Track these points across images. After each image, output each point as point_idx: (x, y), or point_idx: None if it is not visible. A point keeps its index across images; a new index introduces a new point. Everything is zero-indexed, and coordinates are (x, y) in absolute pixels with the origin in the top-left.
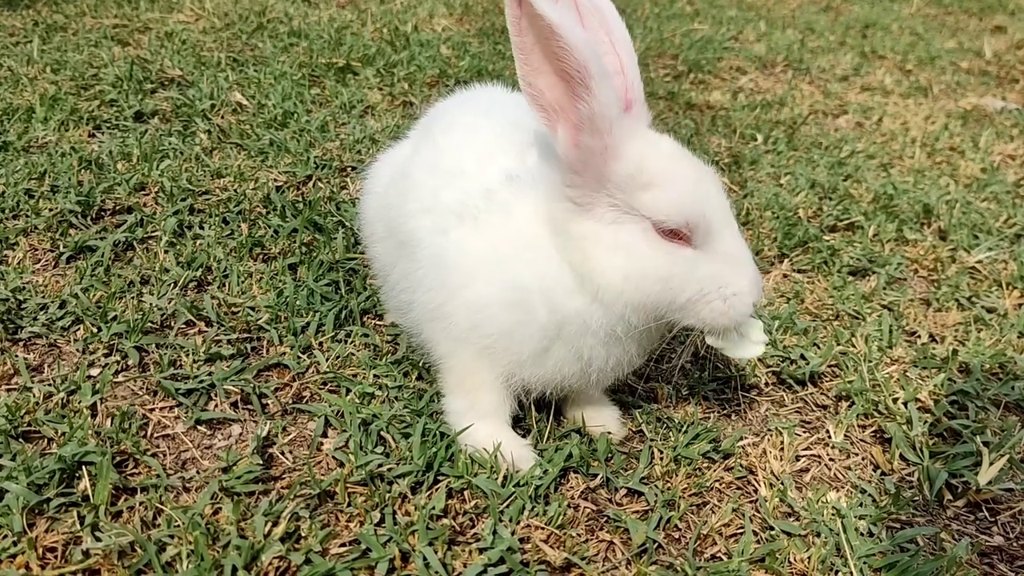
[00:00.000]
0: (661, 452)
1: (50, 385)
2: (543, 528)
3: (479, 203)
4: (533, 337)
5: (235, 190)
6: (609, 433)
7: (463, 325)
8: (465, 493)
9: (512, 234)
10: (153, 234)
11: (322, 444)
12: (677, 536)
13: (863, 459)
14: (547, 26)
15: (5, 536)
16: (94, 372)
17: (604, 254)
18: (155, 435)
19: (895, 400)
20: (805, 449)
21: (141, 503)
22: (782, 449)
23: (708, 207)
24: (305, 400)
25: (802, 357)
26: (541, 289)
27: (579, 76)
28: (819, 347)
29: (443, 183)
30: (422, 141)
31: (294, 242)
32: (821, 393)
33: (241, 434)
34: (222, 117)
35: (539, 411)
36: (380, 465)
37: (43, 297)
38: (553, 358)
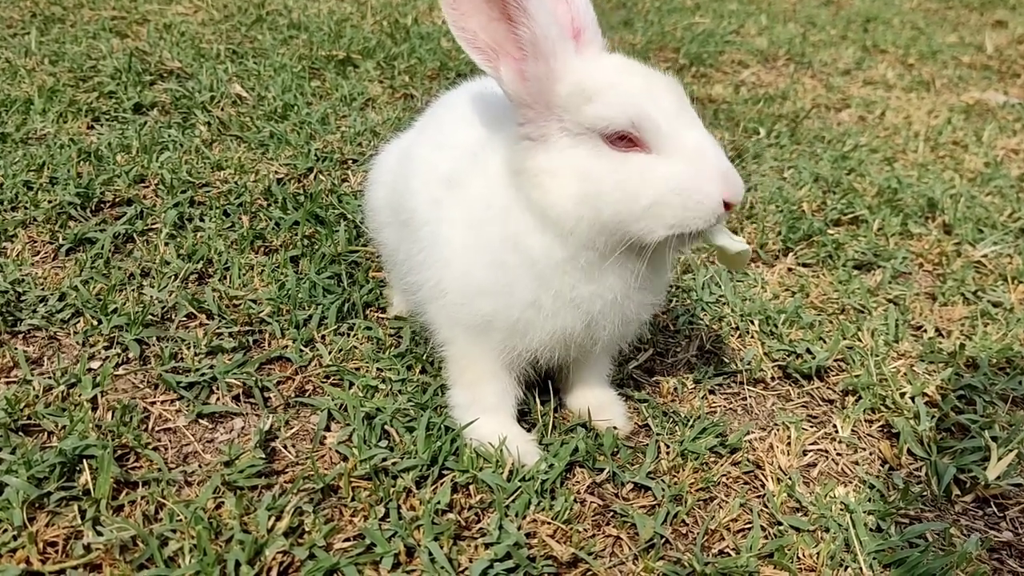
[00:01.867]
0: (668, 447)
1: (50, 378)
2: (549, 523)
3: (467, 166)
4: (517, 292)
5: (236, 182)
6: (615, 428)
7: (456, 301)
8: (470, 487)
9: (486, 192)
10: (153, 226)
11: (325, 438)
12: (684, 531)
13: (871, 454)
14: None
15: (5, 530)
16: (94, 365)
17: (558, 182)
18: (156, 428)
19: (902, 395)
20: (812, 444)
21: (143, 497)
22: (789, 444)
23: (656, 105)
24: (308, 393)
25: (808, 351)
26: (509, 237)
27: (511, 3)
28: (825, 341)
29: (442, 156)
30: (427, 124)
31: (296, 235)
32: (828, 387)
33: (243, 428)
34: (222, 109)
35: (544, 404)
36: (384, 459)
37: (43, 289)
38: (545, 312)
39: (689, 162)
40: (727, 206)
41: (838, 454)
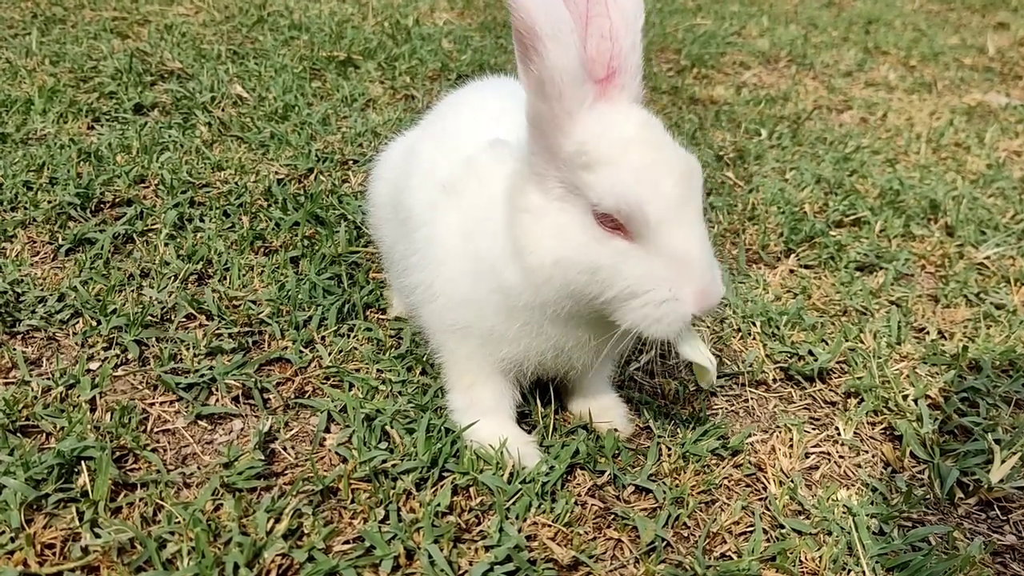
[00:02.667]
0: (669, 449)
1: (49, 379)
2: (550, 526)
3: (461, 173)
4: (494, 310)
5: (236, 183)
6: (616, 430)
7: (444, 305)
8: (471, 490)
9: (481, 202)
10: (153, 227)
11: (325, 439)
12: (686, 534)
13: (873, 456)
14: None
15: (3, 532)
16: (93, 366)
17: (539, 231)
18: (155, 430)
19: (905, 397)
20: (814, 446)
21: (141, 499)
22: (791, 446)
23: (650, 195)
24: (307, 395)
25: (810, 353)
26: (489, 258)
27: (526, 37)
28: (827, 343)
29: (442, 155)
30: (432, 122)
31: (296, 235)
32: (830, 389)
33: (242, 429)
34: (222, 110)
35: (544, 406)
36: (384, 461)
37: (42, 290)
38: (520, 334)
39: (672, 268)
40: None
41: (840, 456)
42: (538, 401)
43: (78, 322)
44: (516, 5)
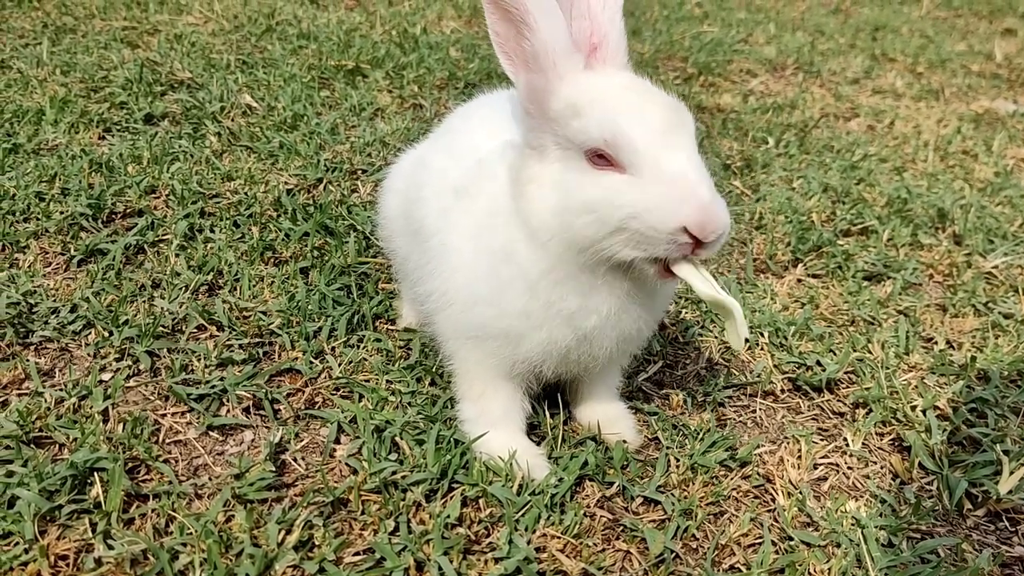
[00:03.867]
0: (677, 460)
1: (61, 390)
2: (559, 537)
3: (473, 177)
4: (508, 301)
5: (246, 193)
6: (624, 441)
7: (459, 310)
8: (480, 501)
9: (491, 201)
10: (164, 237)
11: (335, 451)
12: (695, 546)
13: (882, 468)
14: None
15: (17, 543)
16: (106, 377)
17: (540, 192)
18: (167, 441)
19: (913, 408)
20: (823, 457)
21: (153, 510)
22: (799, 457)
23: (639, 125)
24: (317, 406)
25: (818, 363)
26: (504, 246)
27: (516, 12)
28: (835, 353)
29: (453, 164)
30: (441, 134)
31: (305, 246)
32: (838, 400)
33: (253, 440)
34: (232, 119)
35: (553, 417)
36: (394, 472)
37: (54, 301)
38: (534, 322)
39: (662, 187)
40: (695, 239)
41: (849, 468)
42: (547, 412)
43: (90, 333)
44: None
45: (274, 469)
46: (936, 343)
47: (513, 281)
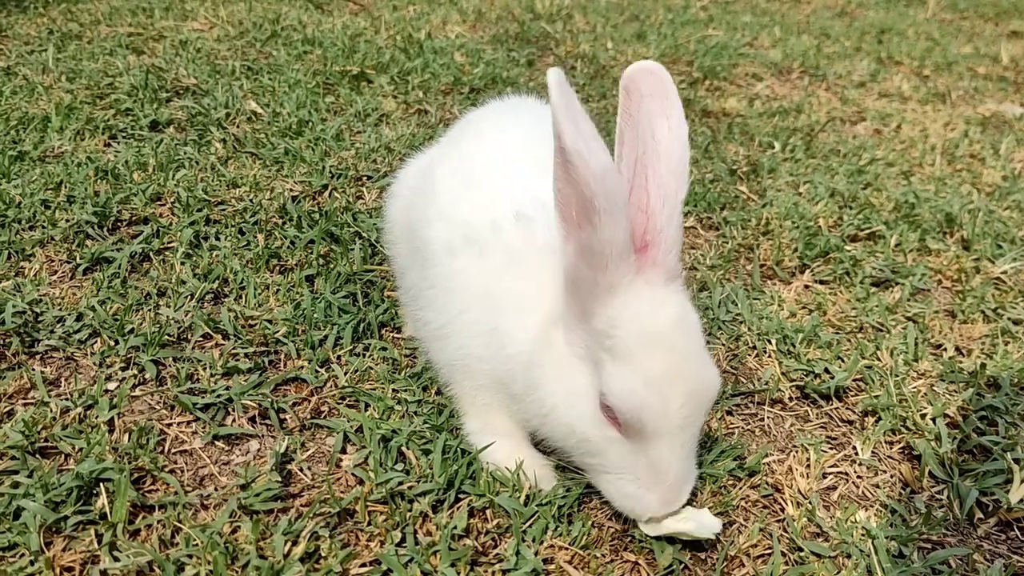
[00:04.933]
0: None
1: (67, 399)
2: (567, 548)
3: (487, 235)
4: (504, 379)
5: (251, 200)
6: None
7: (457, 352)
8: (487, 512)
9: (512, 283)
10: (169, 245)
11: (341, 460)
12: (703, 557)
13: (891, 476)
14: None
15: (22, 555)
16: (111, 386)
17: (553, 381)
18: (172, 451)
19: (923, 415)
20: (832, 466)
21: (159, 521)
22: (808, 466)
23: (654, 411)
24: (323, 415)
25: (826, 371)
26: (504, 346)
27: (581, 208)
28: (843, 360)
29: (461, 194)
30: (450, 144)
31: (311, 253)
32: (847, 408)
33: (259, 450)
34: (237, 126)
35: None
36: (400, 483)
37: (60, 309)
38: (515, 405)
39: (647, 470)
40: None
41: (858, 477)
42: None
43: (96, 342)
44: (578, 179)
45: (280, 479)
46: (945, 350)
47: (497, 369)
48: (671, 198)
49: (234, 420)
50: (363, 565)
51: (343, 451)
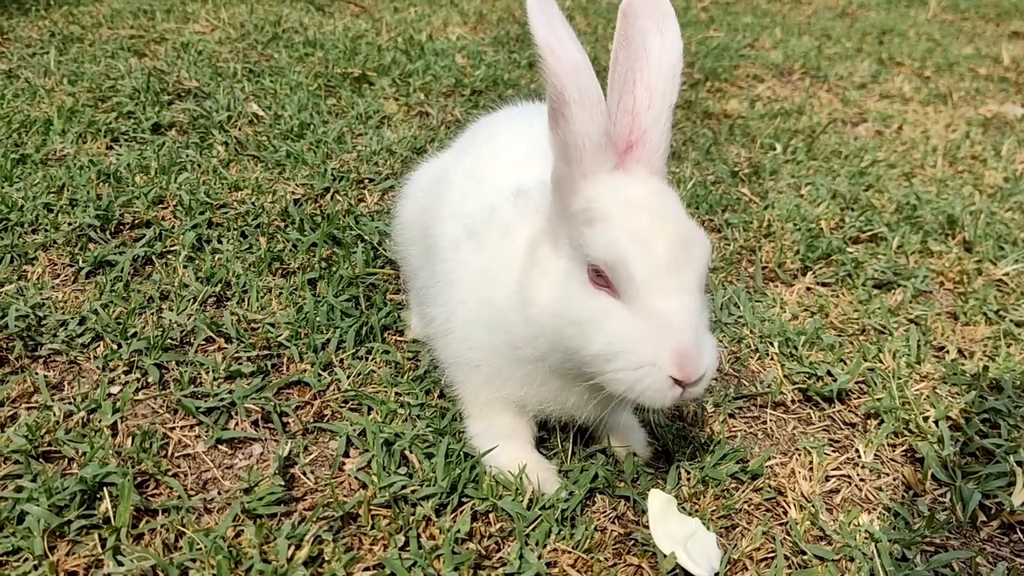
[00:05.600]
0: (688, 473)
1: (70, 403)
2: (570, 552)
3: (484, 220)
4: (503, 354)
5: (253, 203)
6: (634, 453)
7: (459, 341)
8: (490, 516)
9: (503, 255)
10: (172, 248)
11: (344, 464)
12: None
13: (894, 479)
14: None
15: (26, 559)
16: (114, 390)
17: (542, 285)
18: (176, 455)
19: (926, 418)
20: (835, 469)
21: (163, 525)
22: (811, 469)
23: (637, 253)
24: (326, 418)
25: (829, 373)
26: (505, 310)
27: (556, 102)
28: (846, 363)
29: (470, 190)
30: (466, 148)
31: (313, 256)
32: (849, 411)
33: (262, 453)
34: (239, 128)
35: (563, 431)
36: (404, 487)
37: (63, 313)
38: (524, 381)
39: (648, 328)
40: (681, 384)
41: (861, 480)
42: (557, 426)
43: (99, 346)
44: (549, 71)
45: (283, 483)
46: (947, 352)
47: (504, 347)
48: (658, 101)
49: (237, 424)
50: (367, 569)
51: (346, 455)
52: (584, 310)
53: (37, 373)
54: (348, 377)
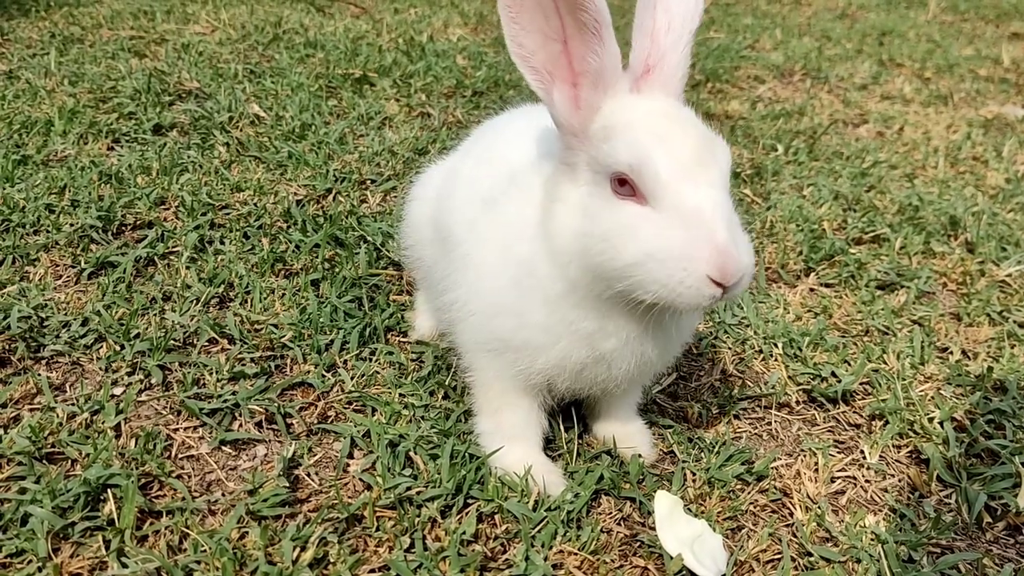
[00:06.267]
0: (694, 474)
1: (73, 405)
2: (576, 554)
3: (503, 187)
4: (529, 314)
5: (255, 204)
6: (640, 455)
7: (480, 320)
8: (496, 517)
9: (520, 213)
10: (174, 249)
11: (348, 465)
12: None
13: (899, 481)
14: None
15: (30, 561)
16: (117, 391)
17: (566, 214)
18: (179, 456)
19: (930, 419)
20: (840, 470)
21: (167, 527)
22: (816, 470)
23: (660, 152)
24: (330, 420)
25: (833, 374)
26: (528, 259)
27: (595, 26)
28: (850, 364)
29: (485, 173)
30: (473, 144)
31: (316, 257)
32: (854, 412)
33: (266, 455)
34: (240, 129)
35: (568, 431)
36: (408, 488)
37: (65, 314)
38: (553, 336)
39: (680, 224)
40: (721, 286)
41: (867, 481)
42: (562, 427)
43: (102, 347)
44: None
45: (288, 485)
46: (951, 353)
47: (533, 293)
48: (677, 24)
49: (241, 425)
50: (372, 571)
51: (350, 456)
52: (610, 222)
53: (40, 374)
54: (352, 378)
